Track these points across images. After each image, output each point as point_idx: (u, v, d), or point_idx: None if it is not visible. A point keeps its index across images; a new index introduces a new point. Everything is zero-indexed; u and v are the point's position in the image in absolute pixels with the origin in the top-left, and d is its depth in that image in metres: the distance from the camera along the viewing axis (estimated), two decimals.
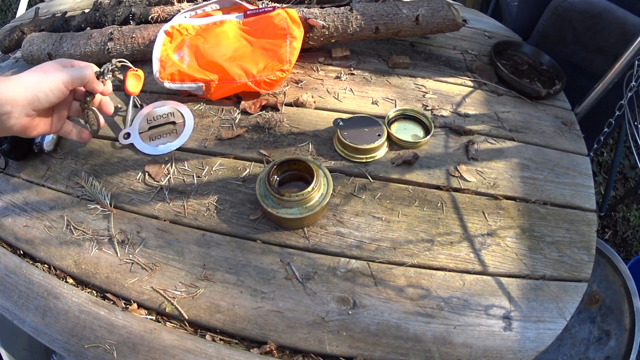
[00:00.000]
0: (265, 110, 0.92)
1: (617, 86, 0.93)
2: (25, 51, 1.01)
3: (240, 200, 0.78)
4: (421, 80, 1.00)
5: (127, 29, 0.99)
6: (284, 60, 0.90)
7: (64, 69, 0.62)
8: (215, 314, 0.66)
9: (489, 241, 0.74)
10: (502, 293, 0.69)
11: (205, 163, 0.83)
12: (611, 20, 1.03)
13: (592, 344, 1.00)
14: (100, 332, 0.64)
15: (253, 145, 0.86)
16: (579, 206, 0.81)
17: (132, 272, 0.71)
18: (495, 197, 0.80)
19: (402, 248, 0.72)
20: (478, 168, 0.84)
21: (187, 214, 0.76)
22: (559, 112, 0.98)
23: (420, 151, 0.85)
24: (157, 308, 0.67)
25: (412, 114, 0.89)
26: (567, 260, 0.73)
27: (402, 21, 0.97)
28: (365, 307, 0.66)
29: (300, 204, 0.71)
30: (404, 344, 0.64)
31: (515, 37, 1.18)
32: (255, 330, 0.65)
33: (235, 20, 0.99)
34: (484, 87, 1.01)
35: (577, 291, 0.70)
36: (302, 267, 0.70)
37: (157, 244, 0.73)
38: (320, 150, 0.85)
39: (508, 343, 0.64)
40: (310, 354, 0.63)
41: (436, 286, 0.69)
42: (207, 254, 0.72)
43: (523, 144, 0.89)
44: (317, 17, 0.96)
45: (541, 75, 1.04)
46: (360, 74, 1.01)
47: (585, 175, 0.85)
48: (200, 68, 0.91)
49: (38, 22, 1.08)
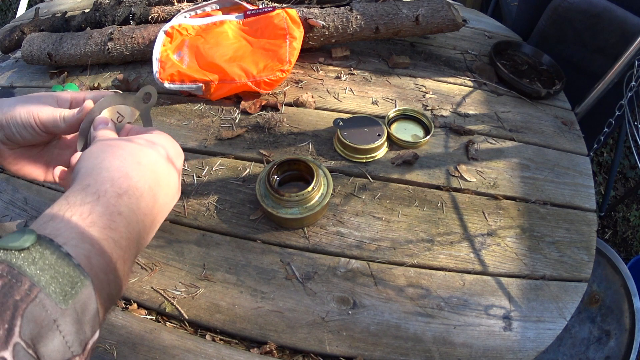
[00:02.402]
0: (265, 110, 0.92)
1: (617, 86, 0.93)
2: (25, 51, 1.01)
3: (240, 200, 0.78)
4: (421, 80, 1.00)
5: (127, 29, 0.99)
6: (284, 60, 0.90)
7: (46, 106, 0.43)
8: (215, 314, 0.66)
9: (489, 241, 0.74)
10: (502, 293, 0.69)
11: (205, 163, 0.83)
12: (611, 20, 1.03)
13: (592, 344, 1.00)
14: (100, 332, 0.64)
15: (253, 145, 0.86)
16: (579, 206, 0.81)
17: (132, 272, 0.70)
18: (495, 197, 0.80)
19: (402, 248, 0.72)
20: (478, 168, 0.84)
21: (187, 214, 0.76)
22: (559, 112, 0.98)
23: (420, 151, 0.85)
24: (157, 308, 0.67)
25: (412, 114, 0.89)
26: (567, 260, 0.73)
27: (402, 21, 0.97)
28: (365, 307, 0.66)
29: (300, 204, 0.71)
30: (404, 344, 0.64)
31: (515, 37, 1.18)
32: (255, 330, 0.65)
33: (235, 20, 0.99)
34: (484, 87, 1.00)
35: (577, 291, 0.70)
36: (302, 267, 0.70)
37: (157, 244, 0.73)
38: (320, 150, 0.85)
39: (508, 343, 0.64)
40: (310, 354, 0.63)
41: (436, 286, 0.69)
42: (207, 254, 0.72)
43: (523, 144, 0.89)
44: (317, 17, 0.96)
45: (541, 75, 1.04)
46: (360, 74, 1.01)
47: (585, 175, 0.85)
48: (200, 68, 0.91)
49: (38, 22, 1.08)
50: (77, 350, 0.26)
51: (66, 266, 0.26)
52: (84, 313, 0.27)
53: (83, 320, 0.26)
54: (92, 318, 0.27)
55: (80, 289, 0.26)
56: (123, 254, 0.31)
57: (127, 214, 0.32)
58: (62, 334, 0.25)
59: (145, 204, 0.34)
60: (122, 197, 0.32)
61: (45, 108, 0.43)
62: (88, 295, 0.27)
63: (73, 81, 1.02)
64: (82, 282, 0.27)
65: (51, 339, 0.24)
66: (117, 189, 0.32)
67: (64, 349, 0.25)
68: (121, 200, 0.32)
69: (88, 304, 0.27)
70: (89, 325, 0.27)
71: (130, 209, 0.32)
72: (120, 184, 0.32)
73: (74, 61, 1.02)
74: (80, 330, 0.26)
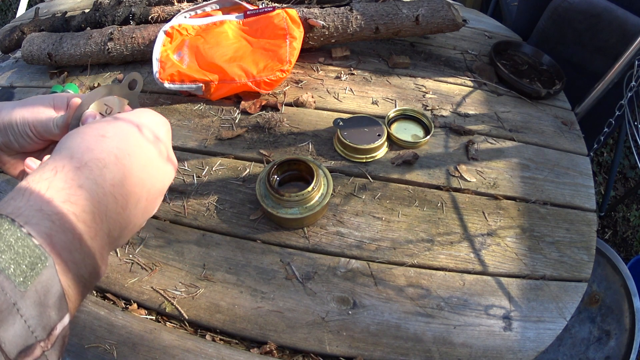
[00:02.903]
0: (265, 110, 0.92)
1: (617, 86, 0.93)
2: (25, 51, 1.01)
3: (240, 200, 0.78)
4: (421, 80, 1.00)
5: (127, 29, 0.99)
6: (284, 60, 0.90)
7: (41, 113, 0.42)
8: (215, 314, 0.66)
9: (489, 241, 0.74)
10: (502, 293, 0.69)
11: (205, 163, 0.83)
12: (611, 20, 1.03)
13: (592, 344, 1.00)
14: (100, 332, 0.64)
15: (253, 145, 0.86)
16: (579, 206, 0.81)
17: (132, 272, 0.71)
18: (495, 197, 0.80)
19: (402, 248, 0.72)
20: (478, 168, 0.84)
21: (187, 214, 0.76)
22: (559, 112, 0.98)
23: (420, 151, 0.85)
24: (157, 308, 0.67)
25: (412, 114, 0.89)
26: (567, 260, 0.73)
27: (402, 21, 0.97)
28: (365, 307, 0.66)
29: (300, 204, 0.71)
30: (404, 344, 0.64)
31: (515, 37, 1.18)
32: (255, 330, 0.65)
33: (235, 20, 0.99)
34: (484, 87, 1.00)
35: (577, 291, 0.70)
36: (302, 267, 0.70)
37: (157, 244, 0.73)
38: (320, 150, 0.85)
39: (508, 343, 0.64)
40: (310, 354, 0.63)
41: (436, 286, 0.69)
42: (207, 254, 0.72)
43: (523, 144, 0.89)
44: (317, 17, 0.96)
45: (541, 75, 1.04)
46: (360, 74, 1.01)
47: (585, 175, 0.85)
48: (200, 68, 0.91)
49: (38, 22, 1.08)
50: (41, 335, 0.24)
51: (26, 247, 0.25)
52: (46, 295, 0.25)
53: (46, 303, 0.25)
54: (57, 301, 0.26)
55: (40, 270, 0.25)
56: (88, 229, 0.29)
57: (88, 187, 0.30)
58: (23, 317, 0.24)
59: (112, 175, 0.31)
60: (81, 170, 0.30)
61: (40, 114, 0.41)
62: (49, 276, 0.25)
63: (73, 81, 1.02)
64: (43, 262, 0.25)
65: (12, 323, 0.23)
66: (76, 162, 0.30)
67: (26, 334, 0.24)
68: (80, 173, 0.30)
69: (50, 285, 0.25)
70: (54, 309, 0.26)
71: (93, 182, 0.30)
72: (80, 157, 0.31)
73: (74, 61, 1.02)
74: (44, 314, 0.25)
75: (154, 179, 0.35)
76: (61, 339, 0.26)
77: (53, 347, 0.25)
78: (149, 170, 0.35)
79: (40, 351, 0.24)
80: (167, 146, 0.38)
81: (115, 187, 0.31)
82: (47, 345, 0.25)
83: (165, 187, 0.37)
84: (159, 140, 0.37)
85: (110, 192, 0.31)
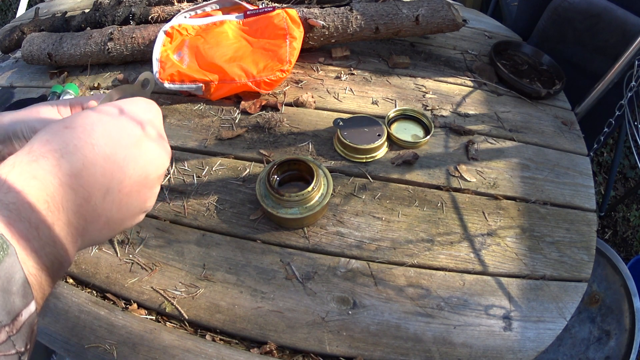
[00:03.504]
0: (265, 110, 0.92)
1: (617, 86, 0.93)
2: (25, 51, 1.01)
3: (240, 200, 0.78)
4: (421, 80, 1.00)
5: (127, 29, 0.99)
6: (284, 60, 0.90)
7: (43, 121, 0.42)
8: (215, 314, 0.66)
9: (489, 241, 0.74)
10: (502, 293, 0.69)
11: (205, 163, 0.83)
12: (611, 20, 1.03)
13: (592, 344, 1.00)
14: (100, 332, 0.64)
15: (253, 145, 0.86)
16: (579, 206, 0.81)
17: (132, 272, 0.71)
18: (495, 197, 0.80)
19: (402, 248, 0.72)
20: (478, 168, 0.84)
21: (187, 214, 0.76)
22: (559, 112, 0.98)
23: (420, 151, 0.85)
24: (157, 308, 0.67)
25: (412, 114, 0.89)
26: (567, 260, 0.73)
27: (402, 21, 0.97)
28: (365, 307, 0.66)
29: (300, 204, 0.71)
30: (404, 344, 0.64)
31: (515, 37, 1.18)
32: (255, 330, 0.65)
33: (235, 20, 0.99)
34: (484, 87, 1.01)
35: (577, 291, 0.70)
36: (302, 267, 0.70)
37: (157, 244, 0.73)
38: (320, 150, 0.85)
39: (508, 343, 0.64)
40: (310, 354, 0.63)
41: (436, 286, 0.69)
42: (207, 254, 0.72)
43: (523, 144, 0.89)
44: (317, 17, 0.96)
45: (541, 75, 1.04)
46: (360, 74, 1.01)
47: (585, 175, 0.85)
48: (200, 68, 0.91)
49: (38, 22, 1.08)
50: (5, 320, 0.25)
51: None
52: (9, 282, 0.26)
53: (9, 290, 0.26)
54: (21, 288, 0.27)
55: (2, 258, 0.26)
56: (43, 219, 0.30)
57: (42, 177, 0.30)
58: None
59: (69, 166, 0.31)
60: (37, 162, 0.31)
61: (41, 123, 0.40)
62: (11, 263, 0.27)
63: (73, 81, 1.02)
64: (5, 250, 0.26)
65: None
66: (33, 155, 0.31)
67: None
68: (36, 164, 0.31)
69: (13, 272, 0.27)
70: (17, 296, 0.27)
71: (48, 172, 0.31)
72: (37, 149, 0.31)
73: (74, 61, 1.02)
74: (8, 300, 0.26)
75: (129, 169, 0.34)
76: (28, 326, 0.27)
77: (19, 332, 0.26)
78: (118, 160, 0.33)
79: (5, 335, 0.25)
80: (154, 134, 0.36)
81: (72, 178, 0.31)
82: (12, 330, 0.26)
83: (149, 179, 0.36)
84: (142, 127, 0.35)
85: (67, 182, 0.31)
